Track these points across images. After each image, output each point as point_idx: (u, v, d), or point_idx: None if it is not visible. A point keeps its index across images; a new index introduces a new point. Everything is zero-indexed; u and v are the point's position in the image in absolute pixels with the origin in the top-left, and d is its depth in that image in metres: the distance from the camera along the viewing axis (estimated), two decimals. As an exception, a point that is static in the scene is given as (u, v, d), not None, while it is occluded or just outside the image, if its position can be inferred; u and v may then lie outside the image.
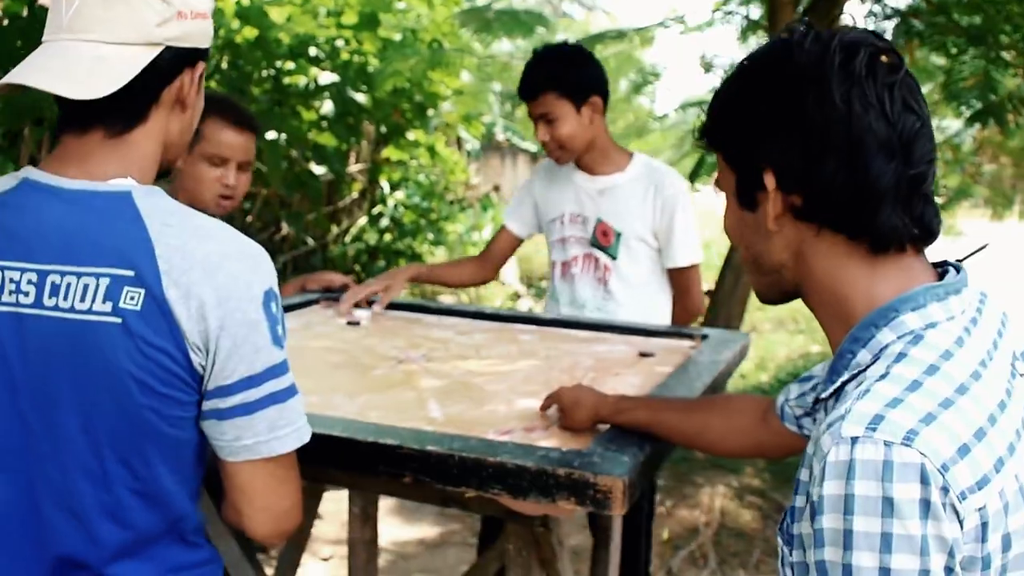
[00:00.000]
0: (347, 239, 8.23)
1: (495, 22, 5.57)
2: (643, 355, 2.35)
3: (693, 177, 6.52)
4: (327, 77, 5.11)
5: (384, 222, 8.41)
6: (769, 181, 1.14)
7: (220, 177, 2.49)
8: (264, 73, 4.94)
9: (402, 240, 8.40)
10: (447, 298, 9.80)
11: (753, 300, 6.64)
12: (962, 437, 0.98)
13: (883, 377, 1.04)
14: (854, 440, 0.97)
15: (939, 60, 6.12)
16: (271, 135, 4.81)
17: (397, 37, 6.18)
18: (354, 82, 5.49)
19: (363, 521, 2.58)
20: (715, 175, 1.24)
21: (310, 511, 2.54)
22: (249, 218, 6.00)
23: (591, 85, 2.78)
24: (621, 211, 2.86)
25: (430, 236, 8.87)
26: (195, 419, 1.29)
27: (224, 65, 4.76)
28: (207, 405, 1.28)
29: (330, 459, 1.58)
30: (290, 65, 4.99)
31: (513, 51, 6.29)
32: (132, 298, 1.20)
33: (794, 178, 1.13)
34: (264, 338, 1.28)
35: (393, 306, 2.86)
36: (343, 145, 6.09)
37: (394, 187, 8.67)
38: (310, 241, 7.37)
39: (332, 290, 2.98)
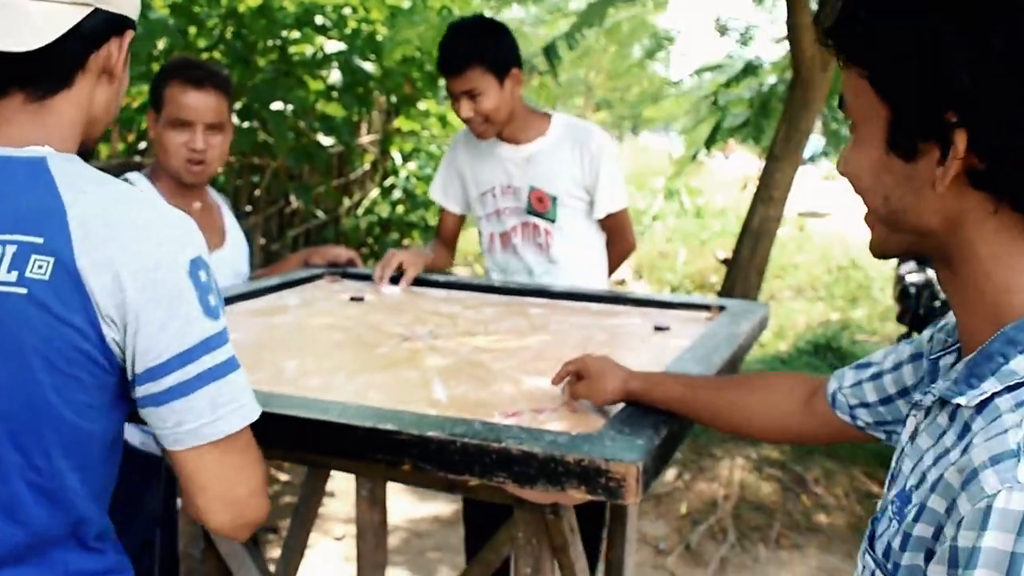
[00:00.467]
0: (359, 212, 8.13)
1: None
2: (658, 328, 2.25)
3: (709, 143, 6.40)
4: (334, 46, 4.99)
5: (396, 194, 8.30)
6: (960, 138, 0.89)
7: (187, 142, 2.40)
8: (269, 43, 4.83)
9: (415, 212, 8.29)
10: (461, 269, 9.71)
11: (770, 268, 6.51)
12: None
13: None
14: (1015, 485, 0.79)
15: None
16: (277, 106, 4.71)
17: (406, 4, 6.06)
18: (362, 51, 5.38)
19: (371, 504, 2.48)
20: (731, 142, 1.07)
21: (316, 491, 2.45)
22: (257, 192, 5.91)
23: (511, 57, 2.78)
24: (551, 174, 2.87)
25: (443, 207, 8.76)
26: (105, 409, 1.21)
27: (228, 35, 4.66)
28: (140, 391, 1.19)
29: (328, 445, 1.50)
30: (296, 34, 4.88)
31: (524, 18, 6.15)
32: (40, 267, 1.12)
33: (990, 137, 0.89)
34: (194, 309, 1.19)
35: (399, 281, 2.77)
36: (352, 116, 5.98)
37: (406, 158, 8.55)
38: (321, 215, 7.27)
39: (337, 265, 2.90)
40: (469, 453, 1.38)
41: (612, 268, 3.10)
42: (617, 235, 3.03)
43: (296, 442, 1.53)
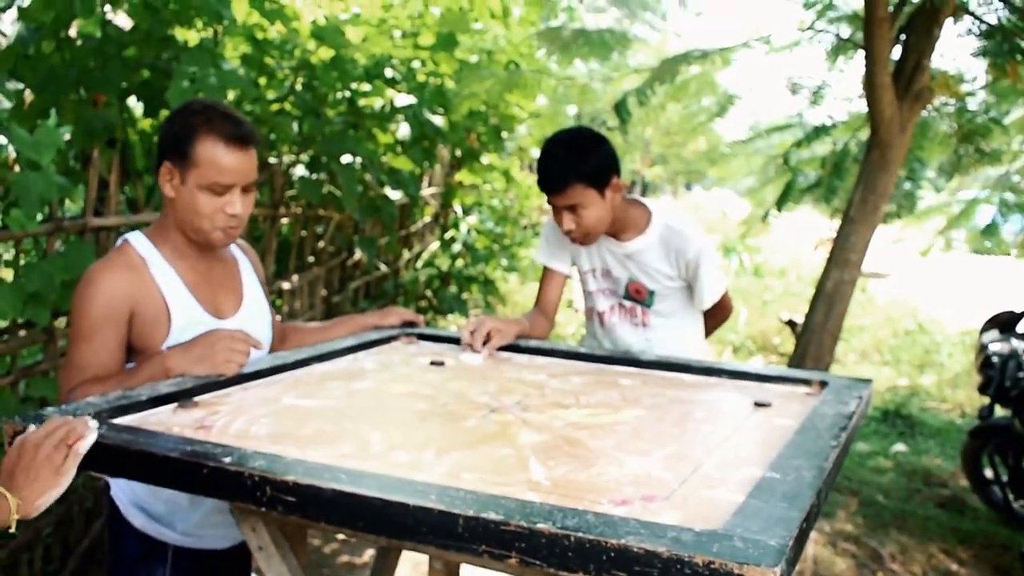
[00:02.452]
0: (419, 264, 8.08)
1: (572, 43, 5.39)
2: (759, 405, 2.11)
3: (780, 203, 6.26)
4: (403, 99, 4.95)
5: (456, 247, 8.24)
6: None
7: (224, 205, 2.14)
8: (339, 95, 4.80)
9: (474, 266, 8.23)
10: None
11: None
12: None
13: None
14: None
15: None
16: (346, 159, 4.66)
17: (473, 59, 6.02)
18: (430, 104, 5.34)
19: (445, 578, 2.37)
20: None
21: (389, 567, 2.33)
22: (321, 243, 5.86)
23: (610, 167, 2.75)
24: (650, 271, 2.92)
25: (503, 262, 8.68)
26: None
27: (298, 87, 4.63)
28: None
29: (423, 533, 1.37)
30: (366, 87, 4.84)
31: (589, 73, 6.09)
32: None
33: None
34: None
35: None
36: (418, 169, 5.93)
37: (467, 211, 8.51)
38: (382, 267, 7.22)
39: (412, 324, 2.80)
40: (584, 549, 1.26)
41: (710, 330, 3.16)
42: (714, 314, 3.08)
43: (387, 526, 1.41)
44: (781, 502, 1.41)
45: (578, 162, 2.69)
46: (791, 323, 8.34)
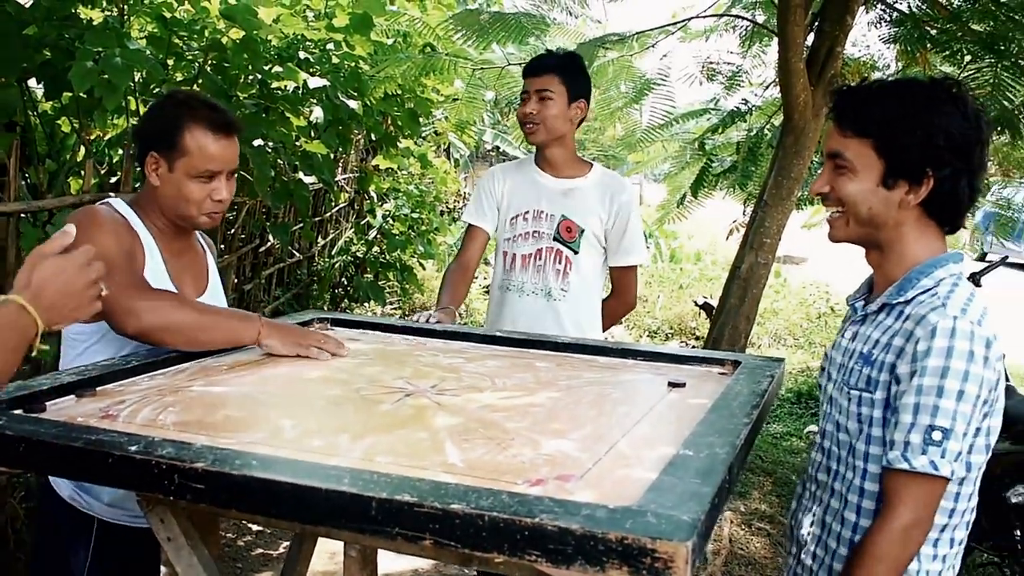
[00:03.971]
0: (334, 251, 7.99)
1: (489, 27, 5.35)
2: (673, 385, 2.12)
3: (696, 189, 6.32)
4: (317, 82, 4.87)
5: (372, 233, 8.16)
6: (928, 182, 1.79)
7: (212, 192, 2.24)
8: (251, 77, 4.70)
9: (391, 252, 8.16)
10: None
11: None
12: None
13: (951, 294, 1.77)
14: (956, 318, 1.72)
15: (948, 68, 5.95)
16: (258, 143, 4.57)
17: (389, 41, 5.96)
18: (345, 87, 5.26)
19: (362, 565, 2.34)
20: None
21: (305, 555, 2.30)
22: (232, 230, 5.75)
23: (584, 90, 3.13)
24: (583, 209, 3.12)
25: (420, 248, 8.63)
26: None
27: (209, 68, 4.52)
28: None
29: (335, 516, 1.35)
30: (278, 69, 4.75)
31: (506, 57, 6.06)
32: None
33: (942, 183, 1.79)
34: None
35: (394, 329, 2.64)
36: (332, 153, 5.85)
37: (383, 197, 8.43)
38: (296, 254, 7.12)
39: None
40: (498, 529, 1.25)
41: (610, 322, 3.31)
42: (623, 289, 3.28)
43: (300, 512, 1.38)
44: (694, 478, 1.42)
45: (563, 63, 3.09)
46: (706, 306, 8.45)
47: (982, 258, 18.28)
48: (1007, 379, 4.36)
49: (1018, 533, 3.72)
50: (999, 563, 3.98)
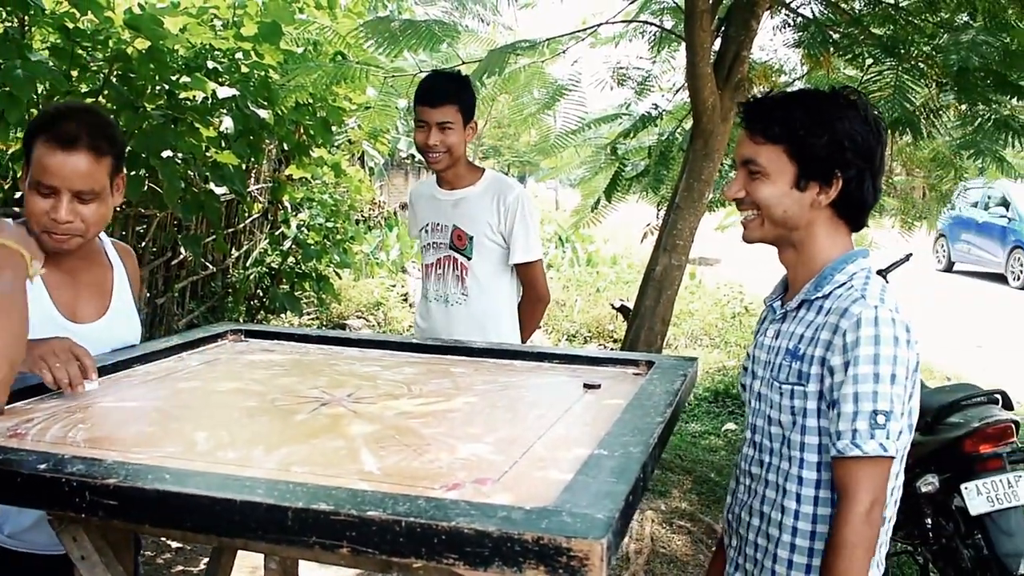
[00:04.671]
0: (248, 262, 7.89)
1: (401, 34, 5.34)
2: (588, 387, 2.15)
3: (609, 193, 6.38)
4: (226, 91, 4.80)
5: (287, 244, 8.08)
6: (837, 183, 1.90)
7: (50, 209, 2.04)
8: (158, 88, 4.62)
9: (306, 262, 8.08)
10: (355, 321, 9.50)
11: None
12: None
13: (866, 286, 1.88)
14: (876, 307, 1.82)
15: (851, 72, 6.10)
16: (167, 154, 4.50)
17: (299, 50, 5.90)
18: (255, 96, 5.20)
19: (282, 577, 2.32)
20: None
21: (225, 570, 2.27)
22: (143, 243, 5.65)
23: (474, 109, 3.30)
24: (471, 217, 3.31)
25: (336, 257, 8.56)
26: None
27: (114, 78, 4.44)
28: None
29: (251, 527, 1.34)
30: (186, 79, 4.68)
31: (418, 64, 6.05)
32: None
33: (849, 184, 1.90)
34: None
35: (310, 339, 2.62)
36: (244, 163, 5.78)
37: (297, 207, 8.35)
38: (209, 266, 7.02)
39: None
40: (415, 534, 1.25)
41: (529, 318, 3.46)
42: (530, 285, 3.41)
43: (215, 525, 1.37)
44: (609, 477, 1.44)
45: (457, 89, 3.23)
46: (623, 309, 8.52)
47: (949, 268, 18.24)
48: (914, 372, 4.49)
49: (928, 521, 3.83)
50: (912, 551, 4.09)
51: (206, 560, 4.17)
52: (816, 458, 1.90)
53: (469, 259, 3.33)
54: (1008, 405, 3.89)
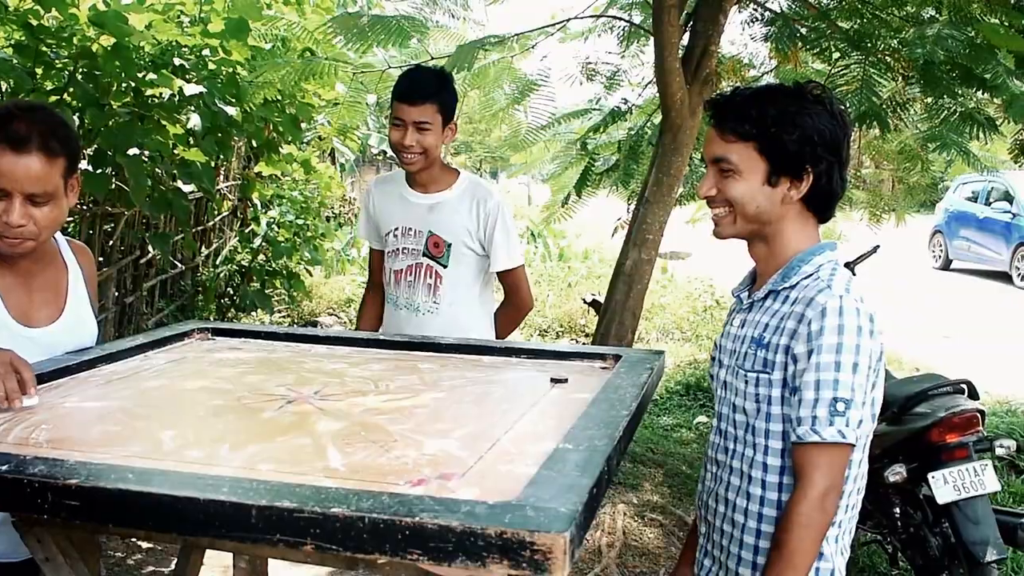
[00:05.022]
0: (218, 260, 7.85)
1: (369, 30, 5.32)
2: (556, 381, 2.16)
3: (579, 188, 6.39)
4: (193, 88, 4.78)
5: (257, 241, 8.04)
6: (808, 177, 1.93)
7: (0, 213, 2.00)
8: (124, 85, 4.58)
9: (277, 259, 8.04)
10: (326, 318, 9.47)
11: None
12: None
13: (832, 277, 1.91)
14: (841, 297, 1.85)
15: (819, 66, 6.14)
16: (133, 151, 4.47)
17: (268, 46, 5.87)
18: (223, 93, 5.17)
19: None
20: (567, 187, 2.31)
21: (193, 569, 2.26)
22: (112, 241, 5.61)
23: (454, 109, 3.14)
24: (449, 223, 3.15)
25: (306, 254, 8.53)
26: None
27: (79, 76, 4.40)
28: None
29: (215, 526, 1.34)
30: (152, 76, 4.64)
31: (387, 60, 6.04)
32: None
33: (819, 178, 1.93)
34: None
35: (277, 337, 2.61)
36: (211, 161, 5.75)
37: (266, 204, 8.31)
38: (178, 264, 6.98)
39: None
40: (379, 530, 1.26)
41: (509, 323, 3.36)
42: (513, 291, 3.29)
43: (179, 524, 1.37)
44: (573, 471, 1.45)
45: (438, 87, 3.04)
46: (594, 303, 8.53)
47: (947, 267, 17.26)
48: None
49: (896, 510, 3.87)
50: (881, 540, 4.13)
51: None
52: (780, 445, 1.93)
53: (445, 267, 3.16)
54: (974, 395, 3.94)
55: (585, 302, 9.62)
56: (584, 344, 8.46)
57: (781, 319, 1.93)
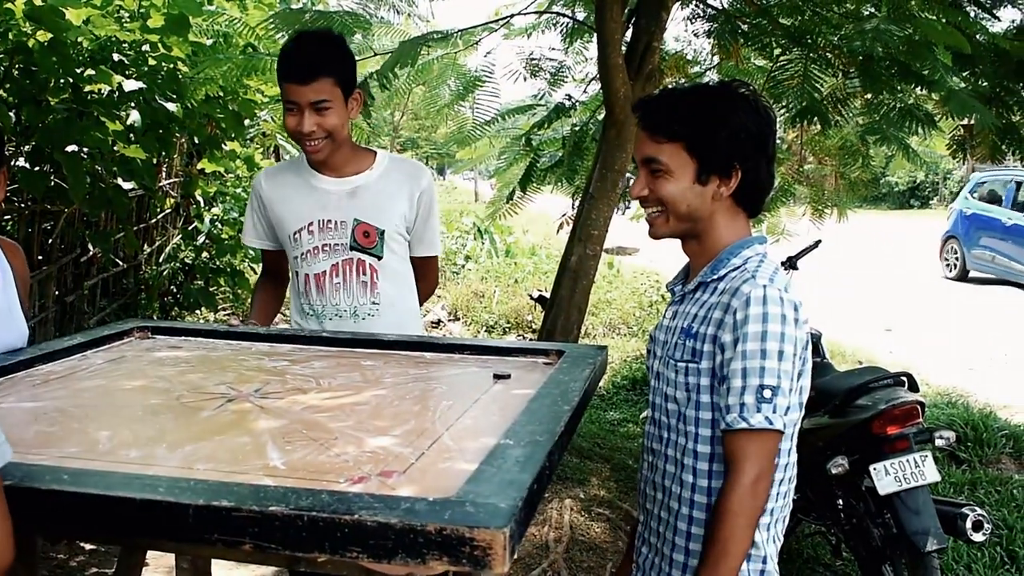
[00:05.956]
0: (161, 258, 7.75)
1: (312, 25, 5.29)
2: (498, 377, 2.16)
3: (524, 183, 6.40)
4: (133, 85, 4.71)
5: (201, 239, 7.95)
6: (736, 174, 1.96)
7: None
8: (61, 81, 4.51)
9: (221, 257, 7.95)
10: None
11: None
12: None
13: (758, 268, 1.95)
14: (765, 286, 1.88)
15: (760, 62, 6.20)
16: (72, 148, 4.40)
17: (209, 42, 5.81)
18: (163, 90, 5.11)
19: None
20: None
21: (133, 569, 2.24)
22: (51, 239, 5.52)
23: (354, 78, 2.68)
24: (379, 207, 2.75)
25: (251, 252, 8.45)
26: None
27: (15, 71, 4.32)
28: None
29: (153, 528, 1.33)
30: (91, 72, 4.57)
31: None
32: None
33: (747, 174, 1.97)
34: None
35: (218, 335, 2.59)
36: (152, 158, 5.67)
37: (210, 201, 8.22)
38: (120, 263, 6.88)
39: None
40: (318, 528, 1.25)
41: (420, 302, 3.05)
42: (426, 277, 2.99)
43: (115, 525, 1.35)
44: (513, 466, 1.45)
45: (331, 57, 2.57)
46: (541, 299, 8.56)
47: (963, 277, 15.05)
48: (824, 356, 4.60)
49: (840, 502, 3.92)
50: (824, 531, 4.19)
51: (119, 562, 4.10)
52: (710, 433, 1.96)
53: (380, 258, 2.76)
54: (914, 387, 4.00)
55: (532, 298, 9.65)
56: (531, 340, 8.48)
57: (708, 309, 1.97)
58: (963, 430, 5.93)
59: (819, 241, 4.80)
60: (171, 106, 5.09)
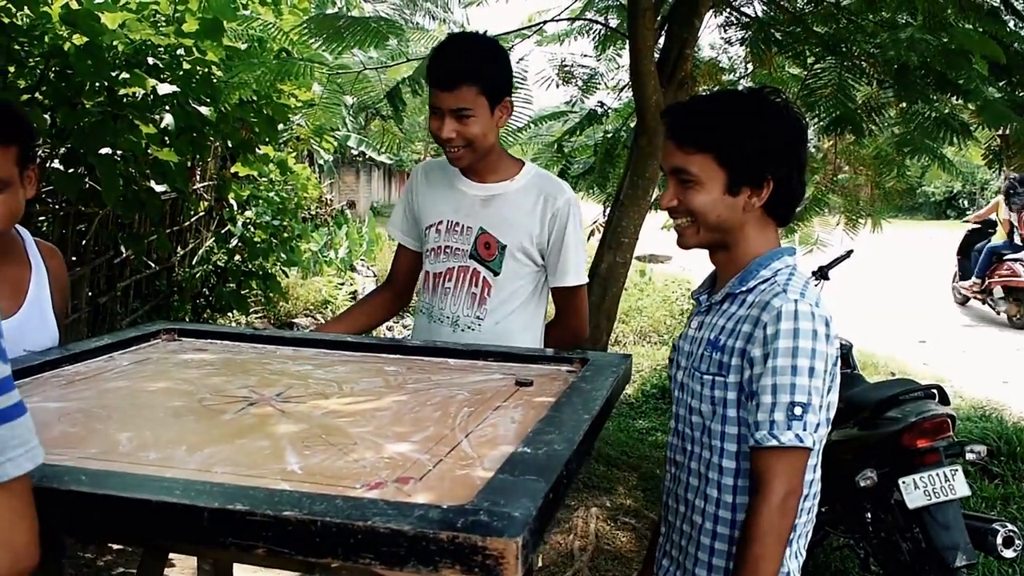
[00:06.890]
0: (194, 261, 7.80)
1: (347, 31, 5.31)
2: (520, 384, 2.15)
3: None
4: (166, 88, 4.75)
5: (233, 242, 8.00)
6: (768, 185, 1.93)
7: None
8: (96, 85, 4.55)
9: (253, 260, 8.00)
10: (303, 319, 9.43)
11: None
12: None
13: (789, 281, 1.91)
14: (796, 301, 1.85)
15: (794, 70, 6.17)
16: (105, 151, 4.44)
17: (243, 46, 5.85)
18: (197, 93, 5.15)
19: (214, 579, 2.30)
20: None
21: (158, 570, 2.25)
22: (85, 241, 5.57)
23: (507, 86, 2.59)
24: (507, 221, 2.65)
25: (283, 256, 8.50)
26: None
27: (51, 75, 4.37)
28: None
29: (169, 530, 1.33)
30: (125, 75, 4.61)
31: (363, 62, 6.03)
32: None
33: (779, 184, 1.93)
34: None
35: (244, 338, 2.60)
36: (186, 161, 5.72)
37: (243, 205, 8.27)
38: (152, 265, 6.93)
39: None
40: (331, 533, 1.25)
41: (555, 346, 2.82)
42: (569, 314, 2.81)
43: (132, 527, 1.36)
44: (530, 475, 1.44)
45: (477, 64, 2.50)
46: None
47: None
48: (854, 367, 4.56)
49: (868, 515, 3.88)
50: (853, 545, 4.15)
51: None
52: (735, 447, 1.93)
53: (496, 275, 2.66)
54: (945, 400, 3.96)
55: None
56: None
57: (737, 322, 1.93)
58: (996, 444, 5.85)
59: (851, 251, 4.76)
60: (205, 110, 5.12)
